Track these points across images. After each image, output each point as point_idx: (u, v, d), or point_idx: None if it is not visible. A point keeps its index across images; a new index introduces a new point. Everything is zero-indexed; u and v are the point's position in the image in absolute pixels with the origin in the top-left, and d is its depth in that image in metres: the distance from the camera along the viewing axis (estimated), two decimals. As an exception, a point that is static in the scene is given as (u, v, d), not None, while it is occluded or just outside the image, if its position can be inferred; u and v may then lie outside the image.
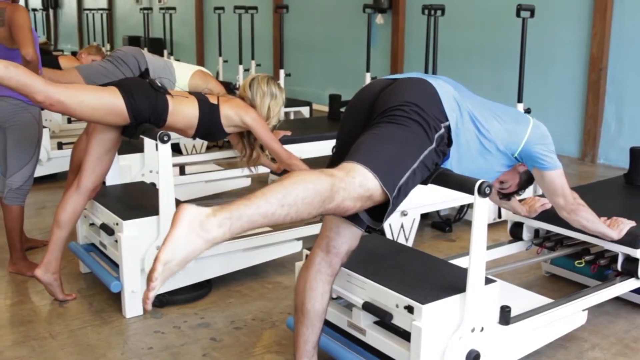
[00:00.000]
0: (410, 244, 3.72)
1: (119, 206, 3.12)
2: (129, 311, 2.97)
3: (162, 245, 1.54)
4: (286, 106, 5.56)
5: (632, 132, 6.17)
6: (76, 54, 5.74)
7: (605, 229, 2.73)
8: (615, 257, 2.88)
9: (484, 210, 2.04)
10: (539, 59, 6.56)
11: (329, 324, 2.41)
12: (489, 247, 2.72)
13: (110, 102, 2.88)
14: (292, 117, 6.81)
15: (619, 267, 2.85)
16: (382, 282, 2.24)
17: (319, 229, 2.26)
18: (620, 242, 2.78)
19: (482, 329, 2.18)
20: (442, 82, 2.13)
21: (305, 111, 6.91)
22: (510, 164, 2.30)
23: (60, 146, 5.27)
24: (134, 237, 2.92)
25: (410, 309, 2.10)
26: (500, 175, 2.37)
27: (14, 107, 3.31)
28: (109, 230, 3.05)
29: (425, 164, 1.97)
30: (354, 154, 1.86)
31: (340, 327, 2.42)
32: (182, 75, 4.39)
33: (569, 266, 3.25)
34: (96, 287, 3.29)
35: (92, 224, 3.32)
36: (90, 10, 13.55)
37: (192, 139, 3.36)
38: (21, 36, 3.19)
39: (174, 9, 9.74)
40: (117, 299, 3.04)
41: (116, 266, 3.05)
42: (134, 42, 12.42)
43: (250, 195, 1.63)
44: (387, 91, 2.09)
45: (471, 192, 2.00)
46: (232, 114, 3.24)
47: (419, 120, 1.96)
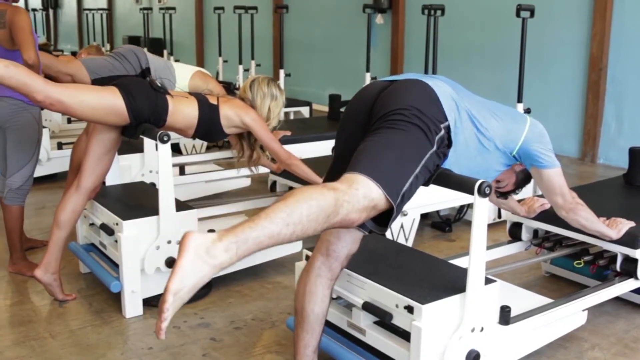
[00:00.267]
0: (410, 244, 3.72)
1: (119, 206, 3.12)
2: (129, 311, 2.97)
3: (170, 275, 1.53)
4: (286, 106, 5.54)
5: (632, 132, 6.17)
6: (76, 54, 5.74)
7: (604, 228, 2.72)
8: (614, 257, 2.88)
9: (484, 210, 2.04)
10: (539, 59, 6.56)
11: (329, 324, 2.41)
12: (488, 247, 2.72)
13: (110, 102, 2.88)
14: (292, 117, 6.81)
15: (618, 268, 2.85)
16: (382, 282, 2.24)
17: (318, 229, 2.26)
18: (619, 242, 2.78)
19: (482, 329, 2.18)
20: (439, 82, 2.13)
21: (305, 111, 6.91)
22: (509, 163, 2.30)
23: (60, 146, 5.28)
24: (134, 237, 2.92)
25: (410, 309, 2.10)
26: (498, 174, 2.37)
27: (14, 107, 3.31)
28: (109, 230, 3.05)
29: (427, 167, 1.97)
30: (355, 164, 1.85)
31: (340, 327, 2.43)
32: (182, 76, 4.40)
33: (569, 266, 3.25)
34: (96, 287, 3.29)
35: (92, 224, 3.32)
36: (90, 10, 13.56)
37: (192, 139, 3.36)
38: (22, 39, 3.19)
39: (174, 9, 9.74)
40: (117, 299, 3.04)
41: (116, 266, 3.05)
42: (134, 42, 12.41)
43: (254, 217, 1.62)
44: (386, 93, 2.08)
45: (471, 192, 2.00)
46: (231, 115, 3.24)
47: (418, 124, 1.95)
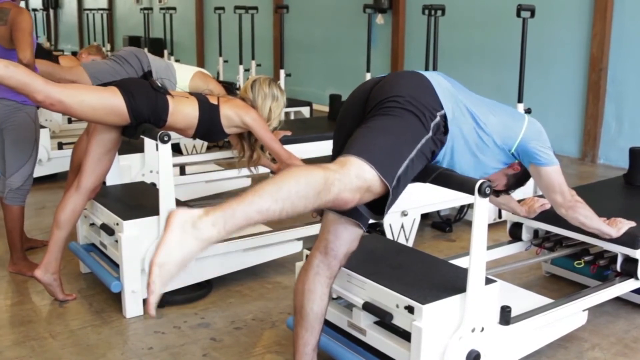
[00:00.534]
0: (410, 244, 3.72)
1: (119, 206, 3.12)
2: (129, 311, 2.97)
3: (155, 250, 1.53)
4: (286, 106, 5.54)
5: (632, 132, 6.17)
6: (76, 54, 5.74)
7: (603, 226, 2.72)
8: (614, 257, 2.88)
9: (484, 210, 2.04)
10: (539, 59, 6.56)
11: (329, 324, 2.41)
12: (489, 247, 2.71)
13: (110, 102, 2.88)
14: (292, 117, 6.80)
15: (618, 268, 2.85)
16: (382, 282, 2.24)
17: (319, 229, 2.26)
18: (619, 242, 2.77)
19: (483, 329, 2.18)
20: (436, 75, 2.14)
21: (305, 111, 6.90)
22: (507, 160, 2.30)
23: (60, 146, 5.28)
24: (134, 237, 2.92)
25: (410, 309, 2.10)
26: (496, 171, 2.36)
27: (9, 108, 3.31)
28: (109, 230, 3.05)
29: (423, 153, 1.97)
30: (349, 147, 1.86)
31: (340, 327, 2.42)
32: (183, 76, 4.41)
33: (569, 266, 3.24)
34: (96, 287, 3.29)
35: (92, 224, 3.32)
36: (90, 10, 13.55)
37: (192, 139, 3.36)
38: (21, 39, 3.18)
39: (174, 9, 9.74)
40: (117, 299, 3.04)
41: (116, 266, 3.05)
42: (134, 42, 12.42)
43: (242, 193, 1.62)
44: (380, 85, 2.10)
45: (472, 193, 2.00)
46: (232, 115, 3.24)
47: (412, 109, 1.96)
